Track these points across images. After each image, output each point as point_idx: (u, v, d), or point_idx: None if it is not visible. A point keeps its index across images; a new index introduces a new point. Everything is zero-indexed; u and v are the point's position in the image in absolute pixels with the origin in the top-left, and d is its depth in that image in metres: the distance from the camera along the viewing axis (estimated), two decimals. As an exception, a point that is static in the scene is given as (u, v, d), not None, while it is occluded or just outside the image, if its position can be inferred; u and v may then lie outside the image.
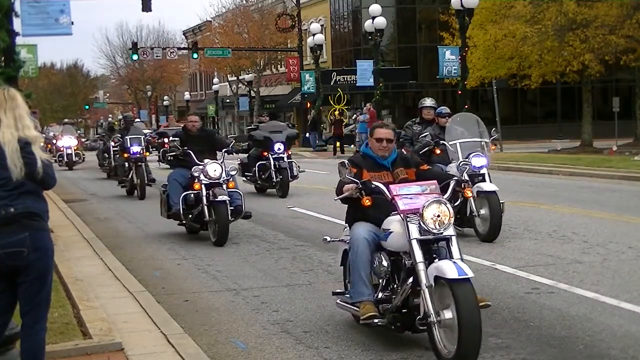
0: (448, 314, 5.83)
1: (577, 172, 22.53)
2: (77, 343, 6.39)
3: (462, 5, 30.67)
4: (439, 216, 6.08)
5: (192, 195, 12.32)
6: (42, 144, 5.08)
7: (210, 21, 67.39)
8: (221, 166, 12.44)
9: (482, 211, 11.38)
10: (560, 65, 34.95)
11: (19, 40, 15.41)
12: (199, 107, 79.96)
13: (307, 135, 46.40)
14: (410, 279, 6.17)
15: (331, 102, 46.80)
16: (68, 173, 31.49)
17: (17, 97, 5.06)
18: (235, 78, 63.09)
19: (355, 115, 42.73)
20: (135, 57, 52.93)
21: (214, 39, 63.15)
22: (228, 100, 70.62)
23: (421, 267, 6.04)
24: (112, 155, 23.54)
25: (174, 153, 13.11)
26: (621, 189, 18.40)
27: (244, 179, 19.56)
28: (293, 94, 57.41)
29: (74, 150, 33.45)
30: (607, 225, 12.41)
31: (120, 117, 67.57)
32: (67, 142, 33.52)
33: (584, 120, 36.87)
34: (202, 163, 12.39)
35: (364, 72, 40.94)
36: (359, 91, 48.90)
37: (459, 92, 32.77)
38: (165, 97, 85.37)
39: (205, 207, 12.15)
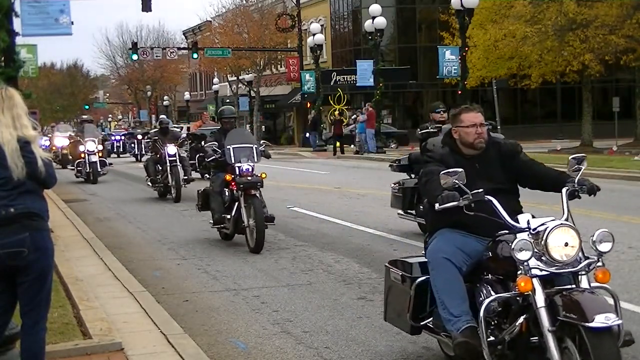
0: None
1: (577, 172, 22.49)
2: (77, 343, 6.39)
3: (462, 5, 30.67)
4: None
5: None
6: (43, 145, 5.08)
7: (210, 21, 67.38)
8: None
9: None
10: (560, 65, 34.96)
11: (19, 40, 15.39)
12: (199, 107, 79.96)
13: (307, 135, 46.39)
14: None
15: (331, 102, 46.80)
16: (68, 172, 30.75)
17: (15, 97, 5.06)
18: (235, 78, 63.07)
19: (355, 115, 42.72)
20: (135, 57, 52.93)
21: (214, 39, 63.14)
22: (228, 100, 70.45)
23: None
24: (170, 169, 18.64)
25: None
26: (621, 189, 18.39)
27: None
28: (293, 94, 57.40)
29: (99, 157, 25.01)
30: (607, 225, 12.35)
31: (118, 117, 66.88)
32: (91, 146, 24.44)
33: (584, 120, 36.87)
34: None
35: (364, 72, 40.94)
36: (359, 91, 48.90)
37: (459, 92, 32.75)
38: (165, 97, 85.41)
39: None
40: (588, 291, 4.69)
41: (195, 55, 53.95)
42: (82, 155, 24.69)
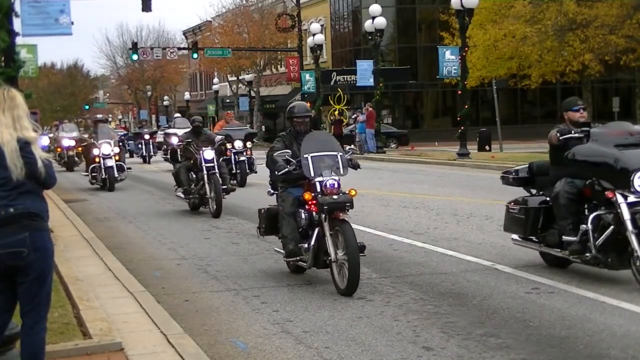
0: None
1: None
2: (77, 343, 6.39)
3: (462, 5, 30.66)
4: None
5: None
6: (43, 145, 5.08)
7: (210, 21, 67.43)
8: None
9: None
10: (560, 65, 34.98)
11: (19, 40, 15.39)
12: (199, 107, 79.98)
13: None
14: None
15: (331, 102, 46.81)
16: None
17: (17, 98, 5.06)
18: (235, 78, 63.11)
19: (355, 115, 42.73)
20: (135, 57, 52.88)
21: (214, 39, 63.19)
22: (228, 100, 70.64)
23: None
24: (207, 177, 15.53)
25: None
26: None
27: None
28: (293, 94, 57.40)
29: (115, 160, 22.10)
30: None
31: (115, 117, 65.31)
32: (106, 149, 21.73)
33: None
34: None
35: (364, 72, 40.94)
36: (359, 91, 48.90)
37: (459, 92, 32.77)
38: (165, 97, 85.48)
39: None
40: None
41: (195, 55, 53.96)
42: (97, 159, 21.74)
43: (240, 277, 9.67)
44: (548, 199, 9.07)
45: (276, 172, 9.04)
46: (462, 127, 30.77)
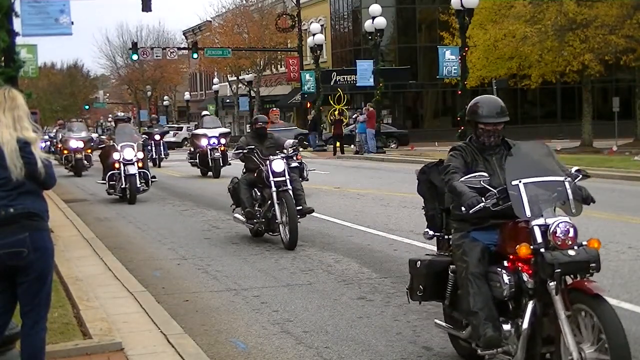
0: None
1: (577, 172, 22.50)
2: (77, 343, 6.39)
3: (462, 5, 30.68)
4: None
5: None
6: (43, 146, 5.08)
7: (210, 21, 67.46)
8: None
9: None
10: (560, 65, 34.96)
11: (19, 40, 15.37)
12: (199, 107, 79.98)
13: (307, 135, 46.32)
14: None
15: (331, 102, 46.82)
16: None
17: (17, 98, 5.05)
18: (235, 78, 63.12)
19: (355, 115, 42.74)
20: (135, 57, 52.91)
21: (214, 39, 63.21)
22: (228, 100, 70.68)
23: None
24: (277, 196, 11.80)
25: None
26: (621, 189, 18.40)
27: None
28: (293, 94, 57.42)
29: (138, 167, 18.47)
30: (606, 225, 12.39)
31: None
32: (128, 154, 18.34)
33: (584, 120, 36.88)
34: None
35: (364, 72, 40.95)
36: (359, 91, 48.91)
37: (459, 92, 32.76)
38: (165, 97, 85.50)
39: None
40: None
41: (195, 55, 53.97)
42: (117, 165, 18.32)
43: (240, 277, 9.67)
44: None
45: (463, 209, 5.53)
46: (462, 127, 30.77)
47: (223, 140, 25.58)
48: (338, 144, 38.86)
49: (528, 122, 53.61)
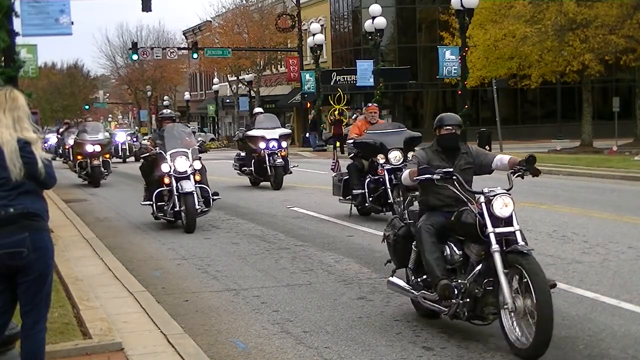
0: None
1: (577, 172, 22.54)
2: (77, 343, 6.39)
3: (462, 5, 30.68)
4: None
5: None
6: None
7: (210, 21, 67.44)
8: None
9: None
10: (560, 65, 34.97)
11: (19, 40, 15.39)
12: (199, 107, 80.00)
13: (307, 135, 46.33)
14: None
15: (331, 102, 46.83)
16: (68, 172, 28.06)
17: (18, 99, 5.05)
18: (235, 78, 63.12)
19: (355, 115, 42.73)
20: (135, 57, 52.91)
21: (214, 39, 63.21)
22: (228, 100, 70.66)
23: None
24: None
25: None
26: (621, 189, 18.40)
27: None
28: (293, 94, 57.42)
29: (196, 181, 13.86)
30: (607, 225, 12.41)
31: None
32: (181, 165, 13.72)
33: (584, 120, 36.88)
34: None
35: (364, 72, 40.95)
36: (359, 91, 48.89)
37: (459, 92, 32.78)
38: (165, 97, 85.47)
39: None
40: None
41: (195, 55, 53.99)
42: (166, 180, 13.72)
43: (240, 277, 9.67)
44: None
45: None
46: (462, 127, 30.74)
47: (284, 144, 21.30)
48: (338, 143, 38.84)
49: (528, 122, 53.62)
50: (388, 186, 13.42)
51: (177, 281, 9.62)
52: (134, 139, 44.63)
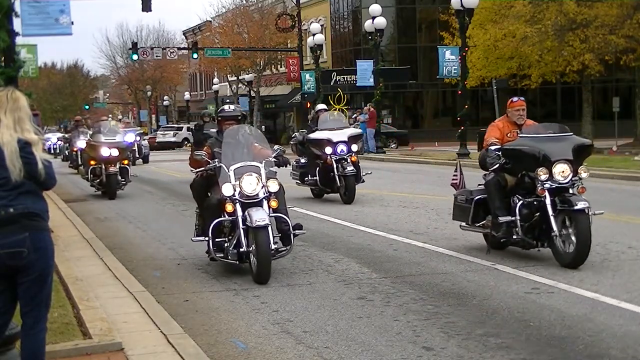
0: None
1: (577, 172, 22.49)
2: (77, 343, 6.39)
3: (462, 5, 30.67)
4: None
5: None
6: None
7: (210, 21, 67.45)
8: None
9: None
10: (560, 65, 34.99)
11: (19, 40, 15.38)
12: (199, 107, 79.94)
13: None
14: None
15: (331, 102, 46.80)
16: (66, 171, 29.24)
17: (20, 100, 5.05)
18: (235, 78, 63.12)
19: (355, 115, 42.72)
20: (135, 57, 52.87)
21: (214, 39, 63.21)
22: (228, 100, 69.81)
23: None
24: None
25: None
26: (621, 189, 18.40)
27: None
28: (293, 94, 57.42)
29: (271, 208, 9.54)
30: (607, 225, 12.39)
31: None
32: (248, 186, 9.36)
33: (584, 120, 36.89)
34: None
35: (364, 72, 40.94)
36: (359, 91, 48.92)
37: (459, 92, 32.77)
38: (165, 97, 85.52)
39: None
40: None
41: (195, 55, 53.95)
42: (228, 207, 9.50)
43: (240, 277, 9.66)
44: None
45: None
46: (462, 127, 30.78)
47: (355, 147, 17.15)
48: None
49: (528, 122, 53.56)
50: (550, 212, 9.55)
51: (177, 281, 9.61)
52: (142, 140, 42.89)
